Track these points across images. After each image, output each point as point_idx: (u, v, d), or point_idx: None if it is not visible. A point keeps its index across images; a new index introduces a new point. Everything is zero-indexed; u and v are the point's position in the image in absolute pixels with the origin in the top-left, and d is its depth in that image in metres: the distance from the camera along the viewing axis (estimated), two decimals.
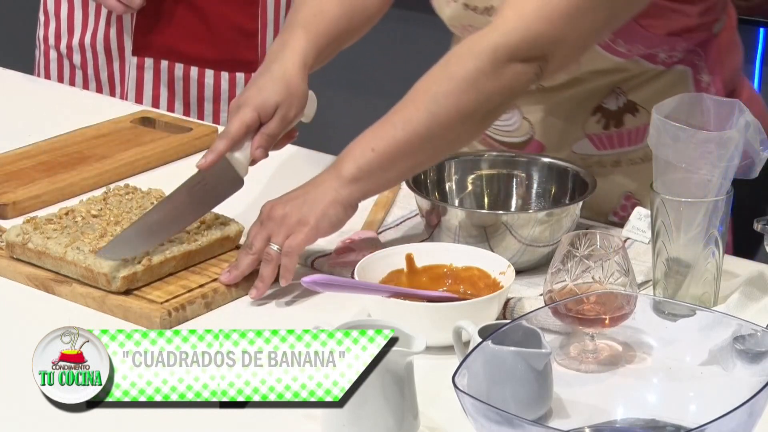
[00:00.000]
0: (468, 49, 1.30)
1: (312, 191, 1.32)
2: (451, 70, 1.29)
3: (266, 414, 1.16)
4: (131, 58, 1.90)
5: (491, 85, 1.29)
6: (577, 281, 1.22)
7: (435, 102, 1.29)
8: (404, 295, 1.27)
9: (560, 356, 1.20)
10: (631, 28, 1.39)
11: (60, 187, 1.54)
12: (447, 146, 1.34)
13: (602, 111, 1.48)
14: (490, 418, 1.02)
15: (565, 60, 1.33)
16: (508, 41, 1.29)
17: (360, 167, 1.30)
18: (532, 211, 1.44)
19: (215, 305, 1.33)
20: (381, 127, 1.31)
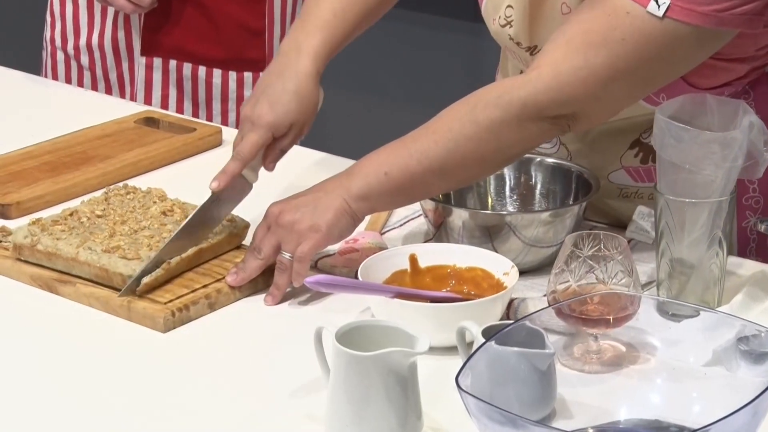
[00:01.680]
0: (498, 97, 1.29)
1: (323, 198, 1.32)
2: (476, 115, 1.29)
3: (269, 414, 1.16)
4: (140, 58, 1.90)
5: (514, 137, 1.29)
6: (581, 282, 1.22)
7: (455, 142, 1.29)
8: (408, 296, 1.27)
9: (564, 357, 1.20)
10: (676, 85, 1.37)
11: (64, 188, 1.54)
12: (460, 183, 1.38)
13: (640, 145, 1.45)
14: (493, 418, 1.02)
15: (594, 120, 1.31)
16: (538, 99, 1.28)
17: (370, 188, 1.31)
18: (536, 212, 1.44)
19: (219, 306, 1.33)
20: (397, 152, 1.31)
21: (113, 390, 1.20)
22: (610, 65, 1.26)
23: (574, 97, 1.27)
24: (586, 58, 1.26)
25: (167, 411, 1.18)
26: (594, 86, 1.27)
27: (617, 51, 1.25)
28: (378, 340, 1.13)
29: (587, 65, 1.26)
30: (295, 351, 1.24)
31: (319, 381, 1.17)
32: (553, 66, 1.27)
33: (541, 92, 1.27)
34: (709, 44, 1.28)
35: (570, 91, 1.27)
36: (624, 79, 1.27)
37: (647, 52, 1.25)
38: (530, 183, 1.48)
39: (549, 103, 1.28)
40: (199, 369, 1.24)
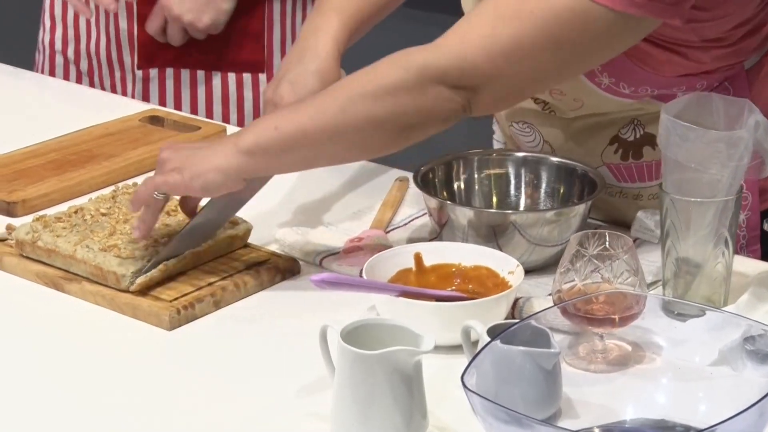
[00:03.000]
0: (399, 58, 1.26)
1: (205, 149, 1.29)
2: (376, 75, 1.26)
3: (274, 413, 1.16)
4: (136, 71, 1.89)
5: (409, 99, 1.25)
6: (586, 281, 1.22)
7: (350, 100, 1.26)
8: (413, 294, 1.27)
9: (569, 356, 1.20)
10: (632, 71, 1.35)
11: (69, 186, 1.54)
12: (352, 149, 1.29)
13: (619, 141, 1.45)
14: (498, 417, 1.02)
15: (498, 99, 1.27)
16: (440, 62, 1.25)
17: (258, 142, 1.27)
18: (541, 211, 1.44)
19: (224, 303, 1.33)
20: (292, 110, 1.29)
21: (118, 387, 1.20)
22: (515, 37, 1.23)
23: (475, 66, 1.24)
24: (493, 28, 1.24)
25: (172, 409, 1.18)
26: (498, 57, 1.24)
27: (525, 24, 1.23)
28: (383, 338, 1.12)
29: (493, 35, 1.24)
30: (300, 349, 1.24)
31: (324, 379, 1.17)
32: (461, 35, 1.26)
33: (444, 56, 1.25)
34: (623, 30, 1.25)
35: (473, 60, 1.24)
36: (531, 56, 1.24)
37: (556, 29, 1.23)
38: (535, 182, 1.48)
39: (450, 69, 1.24)
40: (204, 367, 1.24)
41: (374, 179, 1.59)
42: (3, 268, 1.38)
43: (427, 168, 1.45)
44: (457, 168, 1.48)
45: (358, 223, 1.48)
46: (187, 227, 1.35)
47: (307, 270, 1.39)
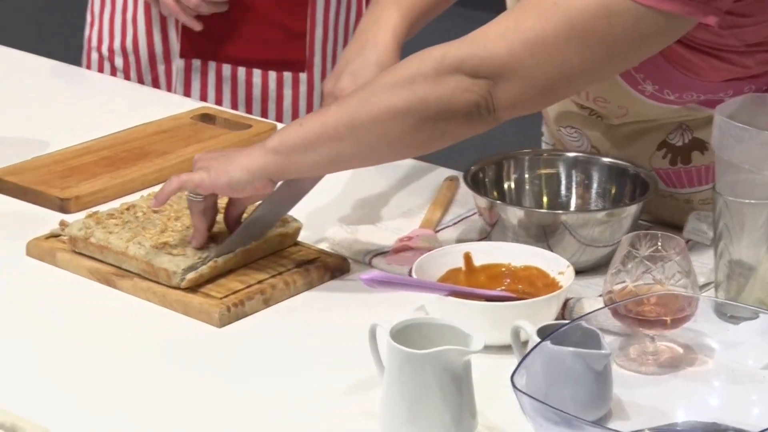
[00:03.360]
0: (421, 52, 1.26)
1: (234, 152, 1.31)
2: (397, 67, 1.26)
3: (323, 411, 1.17)
4: (178, 61, 1.90)
5: (428, 88, 1.23)
6: (638, 282, 1.21)
7: (370, 92, 1.25)
8: (462, 294, 1.27)
9: (620, 357, 1.19)
10: (676, 77, 1.33)
11: (121, 182, 1.55)
12: (373, 143, 1.26)
13: (667, 146, 1.43)
14: (548, 418, 1.01)
15: (520, 94, 1.23)
16: (459, 51, 1.23)
17: (282, 140, 1.27)
18: (592, 211, 1.43)
19: (274, 301, 1.33)
20: (321, 109, 1.29)
21: (168, 384, 1.21)
22: (536, 28, 1.21)
23: (495, 54, 1.22)
24: (516, 19, 1.23)
25: (222, 405, 1.18)
26: (518, 48, 1.21)
27: (547, 14, 1.21)
28: (432, 338, 1.12)
29: (515, 26, 1.22)
30: (349, 348, 1.24)
31: (373, 378, 1.17)
32: (483, 30, 1.24)
33: (464, 45, 1.23)
34: (653, 28, 1.22)
35: (493, 48, 1.22)
36: (554, 49, 1.21)
37: (580, 21, 1.20)
38: (586, 182, 1.47)
39: (469, 57, 1.22)
40: (254, 364, 1.24)
41: (424, 178, 1.59)
42: (56, 264, 1.39)
43: (477, 167, 1.45)
44: (507, 167, 1.47)
45: (407, 222, 1.48)
46: (240, 226, 1.36)
47: (356, 269, 1.39)
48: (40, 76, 1.89)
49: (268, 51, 1.89)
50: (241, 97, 1.91)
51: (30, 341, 1.27)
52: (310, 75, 1.91)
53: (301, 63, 1.89)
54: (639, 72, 1.35)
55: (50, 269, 1.39)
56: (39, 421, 1.15)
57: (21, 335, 1.28)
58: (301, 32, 1.88)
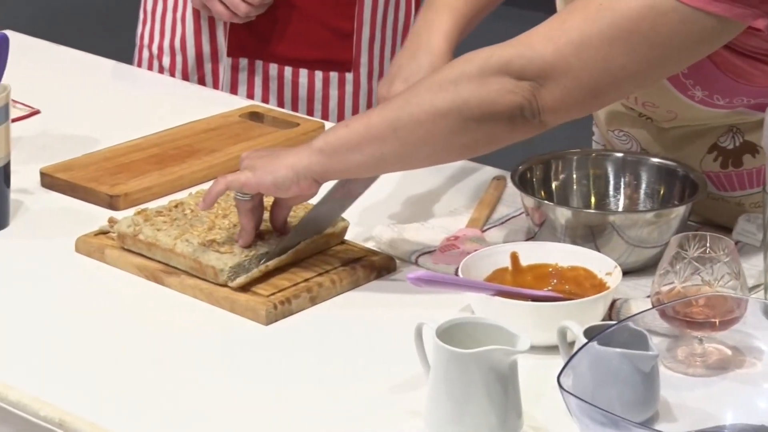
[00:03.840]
0: (468, 54, 1.25)
1: (280, 151, 1.32)
2: (442, 70, 1.26)
3: (368, 409, 1.17)
4: (225, 59, 1.91)
5: (472, 89, 1.22)
6: (686, 283, 1.20)
7: (414, 93, 1.25)
8: (509, 294, 1.26)
9: (667, 359, 1.18)
10: (725, 83, 1.31)
11: (170, 180, 1.56)
12: (416, 145, 1.25)
13: (718, 149, 1.41)
14: (595, 419, 1.01)
15: (565, 96, 1.21)
16: (504, 52, 1.22)
17: (327, 140, 1.28)
18: (641, 212, 1.42)
19: (320, 300, 1.34)
20: (368, 111, 1.30)
21: (215, 380, 1.22)
22: (583, 28, 1.20)
23: (541, 55, 1.20)
24: (562, 21, 1.22)
25: (267, 403, 1.19)
26: (564, 48, 1.20)
27: (593, 15, 1.20)
28: (478, 337, 1.12)
29: (561, 27, 1.21)
30: (396, 347, 1.24)
31: (419, 377, 1.17)
32: (529, 32, 1.23)
33: (509, 46, 1.23)
34: (700, 30, 1.20)
35: (539, 49, 1.21)
36: (600, 50, 1.20)
37: (625, 22, 1.19)
38: (635, 182, 1.46)
39: (514, 57, 1.21)
40: (300, 362, 1.25)
41: (472, 178, 1.59)
42: (105, 261, 1.40)
43: (524, 167, 1.44)
44: (555, 167, 1.46)
45: (454, 222, 1.48)
46: (292, 228, 1.36)
47: (402, 268, 1.39)
48: (92, 74, 1.90)
49: (314, 50, 1.89)
50: (287, 97, 1.92)
51: (77, 337, 1.28)
52: (356, 75, 1.91)
53: (348, 63, 1.90)
54: (688, 78, 1.34)
55: (99, 266, 1.40)
56: (86, 416, 1.16)
57: (69, 331, 1.29)
58: (348, 32, 1.89)
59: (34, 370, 1.23)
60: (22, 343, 1.27)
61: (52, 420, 1.16)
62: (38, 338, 1.28)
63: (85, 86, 1.86)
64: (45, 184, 1.57)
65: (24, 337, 1.28)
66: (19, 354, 1.25)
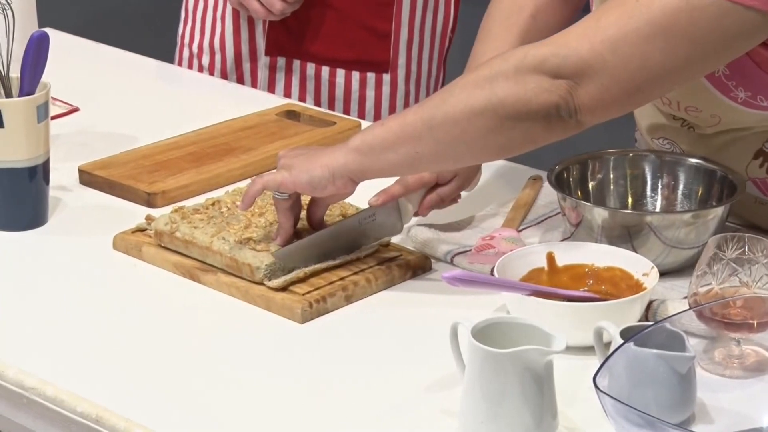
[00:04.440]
0: (504, 53, 1.25)
1: (317, 150, 1.32)
2: (479, 68, 1.25)
3: (403, 408, 1.17)
4: (263, 58, 1.92)
5: (508, 87, 1.21)
6: (724, 285, 1.19)
7: (450, 92, 1.25)
8: (544, 294, 1.26)
9: (704, 361, 1.18)
10: (767, 82, 1.31)
11: (207, 178, 1.57)
12: (451, 144, 1.25)
13: (764, 155, 1.40)
14: (631, 420, 1.00)
15: (602, 94, 1.20)
16: (540, 50, 1.22)
17: (364, 139, 1.27)
18: (678, 212, 1.41)
19: (355, 298, 1.34)
20: (404, 110, 1.30)
21: (250, 378, 1.22)
22: (619, 23, 1.18)
23: (577, 52, 1.20)
24: (598, 18, 1.21)
25: (302, 401, 1.19)
26: (600, 45, 1.19)
27: (630, 11, 1.18)
28: (514, 337, 1.12)
29: (597, 24, 1.20)
30: (431, 346, 1.24)
31: (454, 376, 1.17)
32: (565, 30, 1.23)
33: (545, 45, 1.22)
34: (737, 25, 1.18)
35: (575, 46, 1.20)
36: (637, 46, 1.18)
37: (663, 17, 1.18)
38: (672, 183, 1.45)
39: (550, 55, 1.20)
40: (335, 360, 1.25)
41: (508, 177, 1.59)
42: (142, 258, 1.41)
43: (561, 167, 1.44)
44: (592, 167, 1.46)
45: (490, 221, 1.48)
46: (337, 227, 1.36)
47: (438, 267, 1.39)
48: (131, 72, 1.92)
49: (352, 51, 1.89)
50: (324, 97, 1.92)
51: (114, 334, 1.29)
52: (393, 76, 1.91)
53: (385, 64, 1.90)
54: (730, 79, 1.33)
55: (136, 263, 1.41)
56: (122, 412, 1.16)
57: (106, 328, 1.30)
58: (385, 32, 1.89)
59: (72, 366, 1.24)
60: (59, 339, 1.28)
61: (89, 416, 1.17)
62: (75, 334, 1.29)
63: (123, 84, 1.87)
64: (83, 181, 1.58)
65: (61, 333, 1.29)
66: (56, 350, 1.26)
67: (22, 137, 1.44)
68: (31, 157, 1.45)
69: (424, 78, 1.96)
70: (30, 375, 1.21)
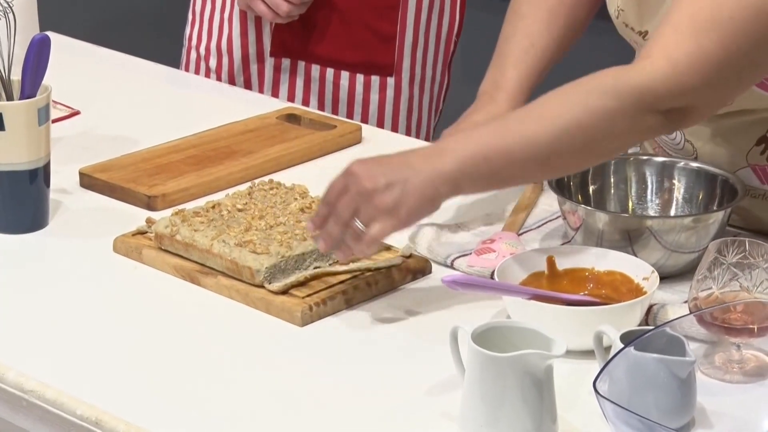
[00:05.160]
0: (612, 86, 1.24)
1: (412, 179, 1.25)
2: (590, 103, 1.24)
3: (403, 411, 1.17)
4: (269, 59, 1.92)
5: (626, 127, 1.24)
6: (724, 289, 1.19)
7: (565, 130, 1.24)
8: (544, 298, 1.26)
9: (704, 365, 1.18)
10: None
11: (207, 181, 1.57)
12: (558, 173, 1.31)
13: (767, 142, 1.41)
14: (631, 425, 1.00)
15: (704, 113, 1.27)
16: (655, 88, 1.23)
17: (463, 172, 1.25)
18: (678, 217, 1.41)
19: (355, 302, 1.34)
20: (498, 135, 1.26)
21: (250, 381, 1.22)
22: (722, 47, 1.21)
23: (690, 86, 1.23)
24: (698, 42, 1.22)
25: (302, 404, 1.19)
26: (709, 72, 1.22)
27: (727, 30, 1.21)
28: (514, 341, 1.12)
29: (700, 50, 1.22)
30: (431, 349, 1.24)
31: (453, 380, 1.17)
32: (665, 53, 1.23)
33: (658, 81, 1.23)
34: None
35: (686, 80, 1.22)
36: (737, 61, 1.22)
37: (758, 27, 1.20)
38: (673, 187, 1.45)
39: (666, 94, 1.23)
40: (335, 364, 1.25)
41: None
42: (143, 261, 1.41)
43: None
44: (592, 171, 1.46)
45: (490, 225, 1.48)
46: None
47: (438, 271, 1.39)
48: (132, 75, 1.92)
49: (357, 53, 1.89)
50: (327, 99, 1.92)
51: (114, 336, 1.29)
52: (398, 80, 1.91)
53: (390, 67, 1.90)
54: None
55: (136, 266, 1.41)
56: (122, 415, 1.16)
57: (105, 330, 1.30)
58: (390, 35, 1.89)
59: (72, 369, 1.24)
60: (59, 342, 1.28)
61: (89, 419, 1.17)
62: (75, 337, 1.29)
63: (124, 87, 1.87)
64: (84, 184, 1.58)
65: (61, 336, 1.29)
66: (56, 352, 1.26)
67: (23, 140, 1.44)
68: (32, 160, 1.45)
69: (428, 82, 1.96)
70: (30, 377, 1.21)
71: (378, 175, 1.25)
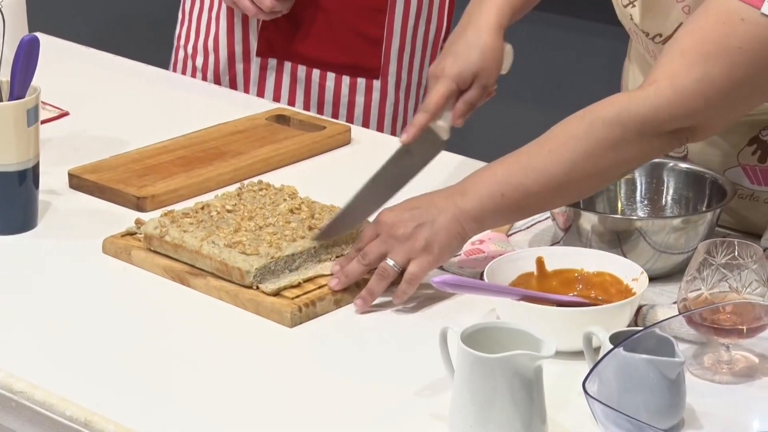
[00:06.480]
0: (617, 114, 1.27)
1: (438, 218, 1.30)
2: (595, 133, 1.27)
3: (392, 412, 1.17)
4: (255, 59, 1.92)
5: (635, 152, 1.28)
6: (713, 290, 1.19)
7: (573, 161, 1.28)
8: (534, 299, 1.26)
9: (694, 366, 1.18)
10: None
11: (197, 182, 1.57)
12: (574, 198, 1.35)
13: (759, 142, 1.42)
14: (620, 425, 1.01)
15: (713, 131, 1.30)
16: (658, 115, 1.26)
17: (484, 209, 1.30)
18: (668, 218, 1.41)
19: (345, 302, 1.34)
20: (512, 171, 1.30)
21: (240, 382, 1.22)
22: (729, 75, 1.23)
23: (694, 111, 1.25)
24: (705, 70, 1.24)
25: (292, 405, 1.19)
26: (714, 98, 1.24)
27: (735, 60, 1.23)
28: (503, 342, 1.12)
29: (706, 77, 1.24)
30: (420, 350, 1.24)
31: (443, 381, 1.17)
32: (671, 80, 1.25)
33: (662, 108, 1.25)
34: None
35: (690, 105, 1.25)
36: (743, 87, 1.24)
37: (766, 58, 1.23)
38: (662, 188, 1.46)
39: (669, 118, 1.26)
40: (324, 364, 1.25)
41: None
42: (132, 262, 1.41)
43: None
44: None
45: None
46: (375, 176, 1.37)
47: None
48: (121, 76, 1.91)
49: (343, 55, 1.89)
50: (313, 100, 1.92)
51: (103, 337, 1.29)
52: (383, 83, 1.91)
53: (376, 70, 1.90)
54: None
55: (125, 267, 1.41)
56: (111, 416, 1.16)
57: (94, 331, 1.30)
58: (377, 38, 1.89)
59: (61, 370, 1.23)
60: (48, 343, 1.28)
61: (78, 420, 1.17)
62: (64, 338, 1.28)
63: (113, 88, 1.87)
64: (73, 185, 1.58)
65: (50, 336, 1.29)
66: (45, 353, 1.26)
67: (12, 141, 1.44)
68: (21, 161, 1.45)
69: (414, 86, 1.96)
70: (19, 379, 1.21)
71: (407, 220, 1.31)
